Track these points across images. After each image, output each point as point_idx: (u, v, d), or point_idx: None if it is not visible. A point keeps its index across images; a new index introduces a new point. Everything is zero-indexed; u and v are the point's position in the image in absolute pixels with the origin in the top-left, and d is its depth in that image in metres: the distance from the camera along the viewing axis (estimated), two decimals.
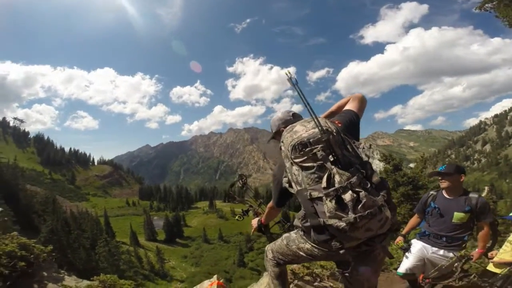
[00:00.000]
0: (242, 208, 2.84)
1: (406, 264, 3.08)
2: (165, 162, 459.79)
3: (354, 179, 1.26)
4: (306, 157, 1.35)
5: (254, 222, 2.32)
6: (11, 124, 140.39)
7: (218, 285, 3.48)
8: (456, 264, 2.96)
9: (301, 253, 1.70)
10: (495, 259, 2.86)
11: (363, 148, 1.45)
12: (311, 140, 1.36)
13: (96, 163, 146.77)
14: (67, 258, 24.08)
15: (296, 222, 1.62)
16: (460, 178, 2.88)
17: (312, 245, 1.61)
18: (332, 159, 1.31)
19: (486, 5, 8.97)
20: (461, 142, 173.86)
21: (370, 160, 1.44)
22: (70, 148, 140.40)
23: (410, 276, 3.10)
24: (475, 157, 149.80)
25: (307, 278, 3.36)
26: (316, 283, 3.25)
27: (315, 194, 1.29)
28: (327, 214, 1.25)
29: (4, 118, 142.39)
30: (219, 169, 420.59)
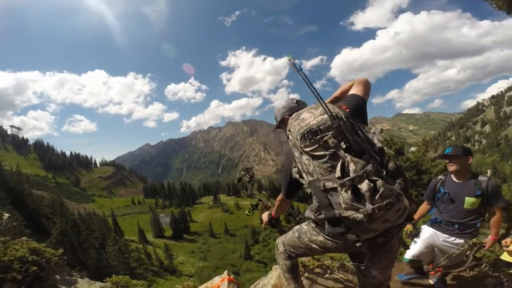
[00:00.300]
0: (251, 202, 2.81)
1: (413, 250, 3.00)
2: (167, 159, 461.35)
3: (369, 167, 1.21)
4: (317, 146, 1.29)
5: (265, 216, 2.28)
6: (9, 132, 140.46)
7: (229, 280, 3.44)
8: (468, 252, 2.84)
9: (313, 245, 1.66)
10: (510, 247, 2.75)
11: (374, 132, 1.37)
12: (321, 127, 1.29)
13: (98, 165, 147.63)
14: (78, 258, 24.50)
15: (308, 214, 1.56)
16: (468, 160, 2.74)
17: (325, 238, 1.56)
18: (344, 146, 1.26)
19: None
20: (460, 124, 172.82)
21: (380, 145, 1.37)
22: (71, 152, 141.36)
23: (416, 262, 3.03)
24: (476, 139, 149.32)
25: (317, 270, 3.32)
26: (326, 275, 3.21)
27: (329, 184, 1.24)
28: (343, 206, 1.20)
29: (1, 127, 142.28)
30: (220, 163, 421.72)
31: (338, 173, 1.22)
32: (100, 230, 36.84)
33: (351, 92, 1.71)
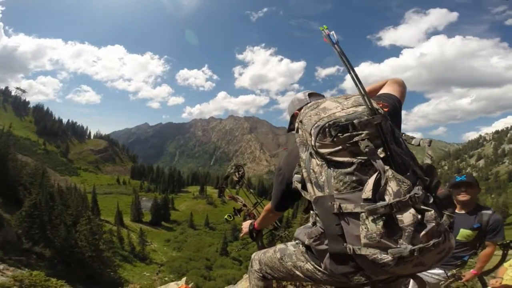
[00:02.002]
0: (235, 206, 2.54)
1: None
2: (162, 142, 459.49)
3: (418, 191, 0.87)
4: (340, 147, 0.93)
5: (246, 225, 1.94)
6: (13, 93, 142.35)
7: None
8: (442, 282, 2.72)
9: (297, 272, 1.32)
10: (497, 286, 2.59)
11: (418, 144, 1.05)
12: (355, 122, 0.93)
13: (92, 137, 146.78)
14: (45, 235, 24.26)
15: (301, 236, 1.21)
16: (479, 190, 2.62)
17: (315, 267, 1.21)
18: (383, 155, 0.91)
19: None
20: (457, 155, 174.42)
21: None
22: (68, 120, 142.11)
23: None
24: (467, 171, 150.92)
25: (290, 287, 3.03)
26: None
27: (348, 207, 0.90)
28: (364, 241, 0.87)
29: (6, 88, 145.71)
30: (215, 154, 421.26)
31: (367, 193, 0.88)
32: (77, 207, 36.50)
33: (383, 91, 1.38)
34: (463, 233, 2.56)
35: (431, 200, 0.90)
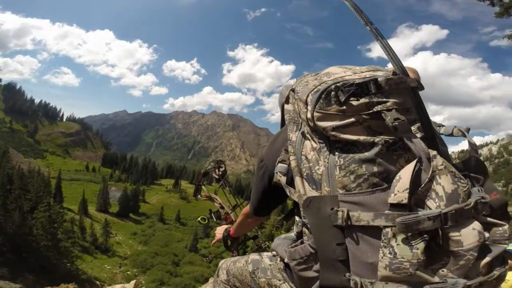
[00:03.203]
0: (211, 208, 2.26)
1: None
2: (139, 131, 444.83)
3: (484, 194, 0.58)
4: (353, 120, 0.63)
5: (220, 231, 1.66)
6: None
7: None
8: None
9: None
10: None
11: (451, 133, 0.77)
12: (380, 80, 0.63)
13: (64, 120, 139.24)
14: None
15: (280, 248, 0.93)
16: None
17: None
18: (420, 135, 0.63)
19: None
20: None
21: None
22: (41, 100, 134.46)
23: None
24: None
25: None
26: None
27: (364, 217, 0.59)
28: (383, 272, 0.56)
29: None
30: (193, 148, 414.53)
31: (400, 194, 0.56)
32: (37, 192, 34.41)
33: None
34: None
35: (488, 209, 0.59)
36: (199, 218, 2.21)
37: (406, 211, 0.54)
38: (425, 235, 0.53)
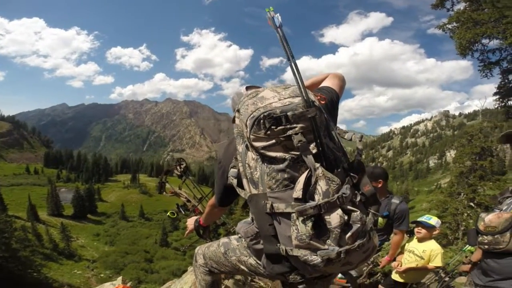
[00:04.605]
0: (177, 202, 2.41)
1: None
2: (84, 125, 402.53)
3: (346, 190, 0.86)
4: (274, 141, 0.88)
5: (191, 222, 1.83)
6: None
7: None
8: (364, 268, 3.02)
9: (242, 267, 1.31)
10: (398, 268, 2.79)
11: (350, 139, 1.02)
12: (288, 114, 0.87)
13: None
14: None
15: (241, 231, 1.17)
16: (378, 184, 2.74)
17: (257, 262, 1.22)
18: (315, 151, 0.88)
19: (448, 25, 9.94)
20: (372, 146, 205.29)
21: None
22: None
23: None
24: (379, 160, 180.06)
25: (238, 277, 2.93)
26: (246, 284, 2.90)
27: (280, 207, 0.87)
28: (295, 242, 0.85)
29: None
30: (148, 139, 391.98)
31: (298, 192, 0.85)
32: None
33: (324, 84, 1.36)
34: None
35: (358, 198, 0.89)
36: (168, 213, 2.40)
37: (302, 203, 0.84)
38: (312, 218, 0.82)
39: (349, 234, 0.83)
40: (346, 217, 0.83)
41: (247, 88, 1.32)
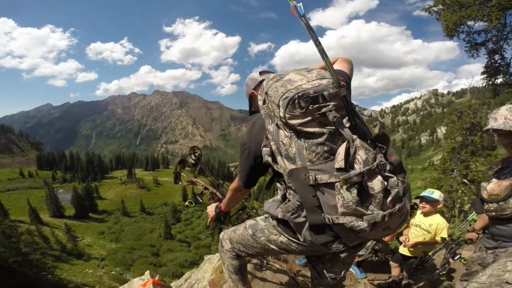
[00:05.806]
0: (195, 190, 2.39)
1: None
2: (73, 124, 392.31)
3: (382, 159, 0.94)
4: (310, 118, 0.95)
5: (211, 209, 1.83)
6: None
7: (155, 284, 2.86)
8: (368, 244, 3.16)
9: (272, 246, 1.35)
10: (406, 242, 2.88)
11: (370, 115, 1.12)
12: (325, 93, 0.94)
13: None
14: None
15: (273, 211, 1.20)
16: None
17: (289, 239, 1.25)
18: (348, 125, 0.96)
19: (434, 8, 9.86)
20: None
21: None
22: None
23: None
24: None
25: (254, 261, 2.90)
26: (264, 267, 2.89)
27: (323, 178, 0.92)
28: (341, 210, 0.90)
29: None
30: (140, 133, 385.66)
31: (340, 162, 0.90)
32: None
33: (335, 67, 1.37)
34: None
35: (388, 167, 0.95)
36: (186, 202, 2.41)
37: (345, 172, 0.89)
38: (356, 185, 0.88)
39: (389, 198, 0.90)
40: (386, 183, 0.90)
41: (260, 73, 1.44)
